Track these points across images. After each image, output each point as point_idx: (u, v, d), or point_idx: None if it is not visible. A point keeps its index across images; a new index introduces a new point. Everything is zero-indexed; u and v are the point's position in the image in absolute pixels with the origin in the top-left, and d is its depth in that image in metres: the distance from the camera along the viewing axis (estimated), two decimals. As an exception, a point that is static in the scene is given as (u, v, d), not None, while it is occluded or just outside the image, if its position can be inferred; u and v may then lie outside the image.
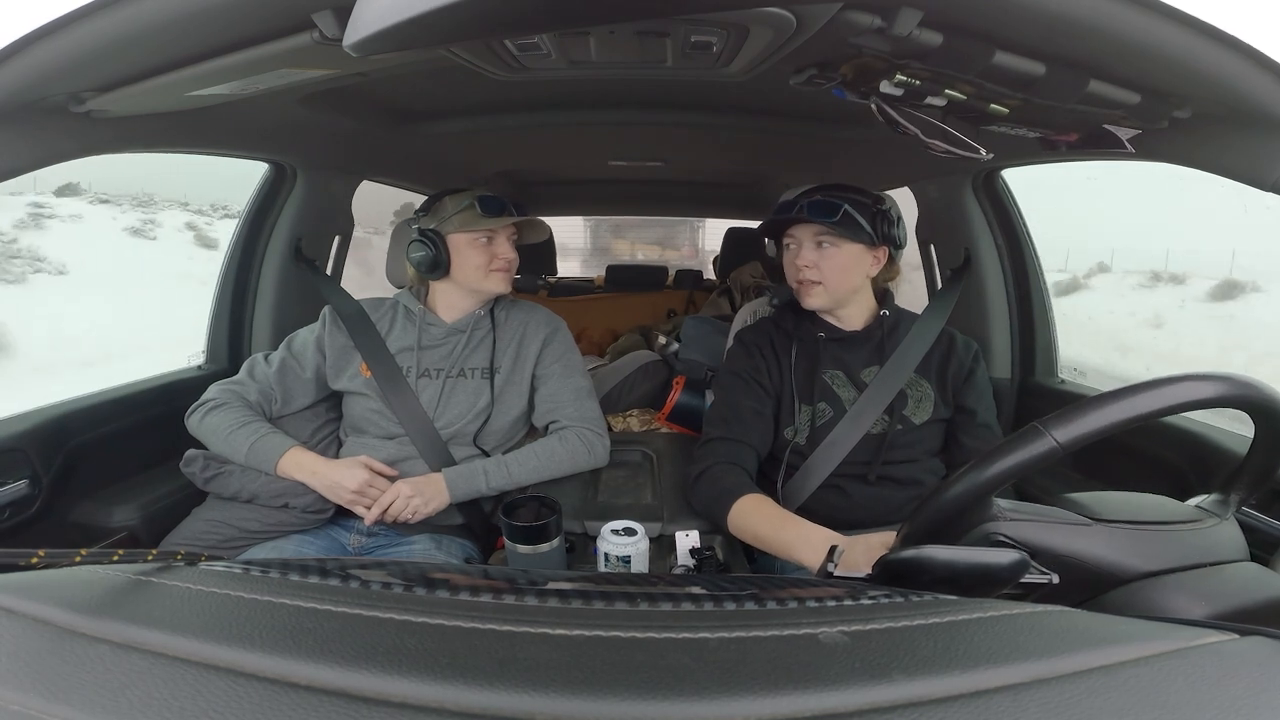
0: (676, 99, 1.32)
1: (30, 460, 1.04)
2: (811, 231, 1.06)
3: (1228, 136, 0.70)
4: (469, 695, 0.34)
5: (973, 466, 0.58)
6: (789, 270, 1.10)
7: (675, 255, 6.40)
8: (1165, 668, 0.37)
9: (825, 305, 1.09)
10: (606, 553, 0.89)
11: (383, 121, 1.37)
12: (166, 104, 0.86)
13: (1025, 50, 0.63)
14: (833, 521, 1.03)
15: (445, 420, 1.16)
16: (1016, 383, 1.50)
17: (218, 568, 0.52)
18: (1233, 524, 0.63)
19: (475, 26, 0.45)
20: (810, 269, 1.05)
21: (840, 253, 1.05)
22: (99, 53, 0.65)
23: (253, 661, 0.37)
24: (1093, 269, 13.96)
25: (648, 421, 1.60)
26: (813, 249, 1.06)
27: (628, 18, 0.63)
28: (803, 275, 1.06)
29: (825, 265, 1.05)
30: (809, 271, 1.06)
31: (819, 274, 1.05)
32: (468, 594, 0.47)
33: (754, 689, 0.35)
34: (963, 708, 0.34)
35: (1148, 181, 13.30)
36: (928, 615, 0.44)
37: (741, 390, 1.10)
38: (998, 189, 1.45)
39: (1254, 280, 11.47)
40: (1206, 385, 0.54)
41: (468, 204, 1.17)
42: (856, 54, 0.70)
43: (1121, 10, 0.55)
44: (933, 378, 1.09)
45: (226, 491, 1.08)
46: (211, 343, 1.52)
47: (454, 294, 1.22)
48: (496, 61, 0.83)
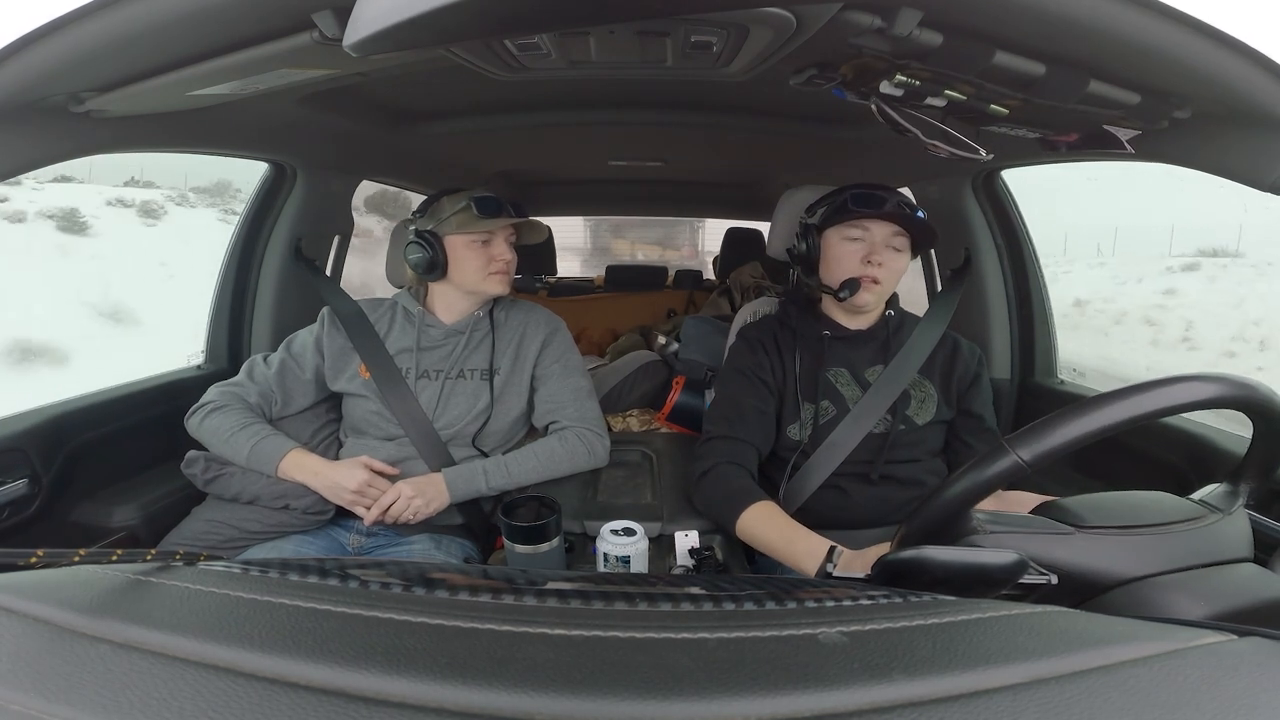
0: (676, 99, 1.32)
1: (30, 460, 1.04)
2: (890, 230, 1.04)
3: (1228, 136, 0.70)
4: (468, 695, 0.34)
5: (946, 484, 0.59)
6: (846, 260, 1.05)
7: (675, 255, 6.40)
8: (1164, 668, 0.37)
9: (873, 305, 1.09)
10: (606, 553, 0.89)
11: (383, 121, 1.37)
12: (166, 104, 0.86)
13: (1025, 50, 0.63)
14: (835, 521, 1.03)
15: (445, 421, 1.16)
16: (1016, 383, 1.50)
17: (217, 568, 0.52)
18: (1239, 518, 0.62)
19: (475, 26, 0.45)
20: (882, 267, 1.04)
21: (903, 259, 1.06)
22: (99, 53, 0.65)
23: (252, 661, 0.37)
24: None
25: (647, 421, 1.60)
26: (887, 249, 1.04)
27: (628, 18, 0.63)
28: (872, 271, 1.04)
29: (890, 267, 1.05)
30: (879, 271, 1.04)
31: (884, 273, 1.04)
32: (467, 594, 0.47)
33: (753, 689, 0.35)
34: (962, 708, 0.34)
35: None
36: (926, 616, 0.44)
37: (744, 387, 1.10)
38: (997, 189, 1.45)
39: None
40: (1170, 391, 0.54)
41: (464, 205, 1.16)
42: (856, 54, 0.70)
43: (1121, 10, 0.55)
44: (936, 379, 1.09)
45: (228, 493, 1.08)
46: (211, 343, 1.52)
47: (452, 295, 1.22)
48: (496, 61, 0.83)
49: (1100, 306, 12.06)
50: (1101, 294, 12.49)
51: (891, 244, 1.04)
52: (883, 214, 1.03)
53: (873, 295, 1.05)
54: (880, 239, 1.04)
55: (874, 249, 1.04)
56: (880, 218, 1.03)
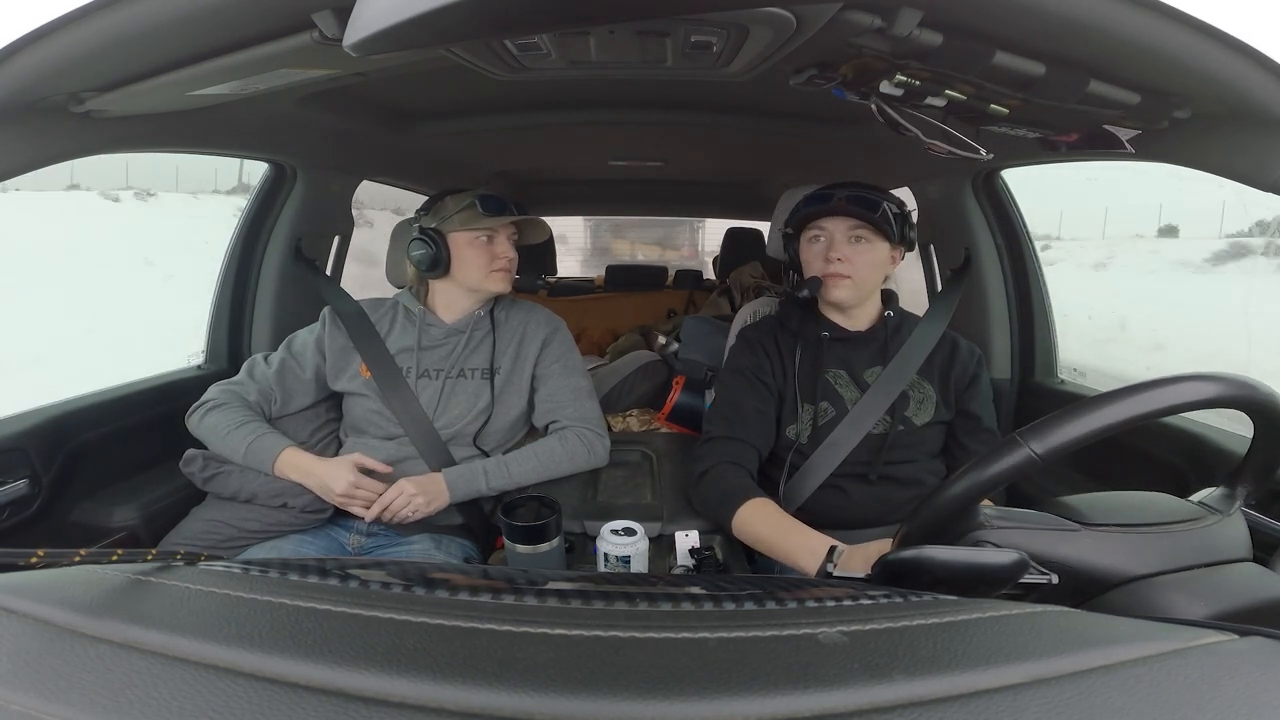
0: (676, 99, 1.32)
1: (30, 460, 1.04)
2: (847, 225, 1.05)
3: (1228, 136, 0.70)
4: (468, 695, 0.34)
5: (952, 480, 0.58)
6: (814, 262, 1.08)
7: (675, 255, 6.39)
8: (1164, 668, 0.37)
9: (850, 300, 1.08)
10: (606, 553, 0.89)
11: (382, 121, 1.37)
12: (166, 104, 0.86)
13: (1025, 50, 0.63)
14: (834, 521, 1.03)
15: (445, 421, 1.16)
16: (1016, 383, 1.50)
17: (217, 567, 0.52)
18: (1237, 519, 0.62)
19: (475, 26, 0.45)
20: (843, 262, 1.05)
21: (873, 249, 1.06)
22: (99, 53, 0.65)
23: (252, 661, 0.37)
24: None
25: (647, 421, 1.60)
26: (845, 242, 1.05)
27: (628, 18, 0.63)
28: (834, 268, 1.05)
29: (858, 260, 1.05)
30: (841, 265, 1.05)
31: (851, 268, 1.05)
32: (467, 594, 0.47)
33: (753, 689, 0.35)
34: (962, 708, 0.34)
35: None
36: (927, 615, 0.44)
37: (744, 388, 1.10)
38: (997, 189, 1.45)
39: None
40: (1180, 389, 0.54)
41: (469, 203, 1.17)
42: (856, 54, 0.70)
43: (1122, 10, 0.55)
44: (935, 380, 1.09)
45: (226, 491, 1.08)
46: (211, 343, 1.52)
47: (454, 294, 1.22)
48: (496, 61, 0.83)
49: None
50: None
51: (852, 236, 1.06)
52: (832, 209, 1.05)
53: (845, 290, 1.06)
54: (839, 235, 1.06)
55: (832, 245, 1.06)
56: (832, 214, 1.05)
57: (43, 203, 9.33)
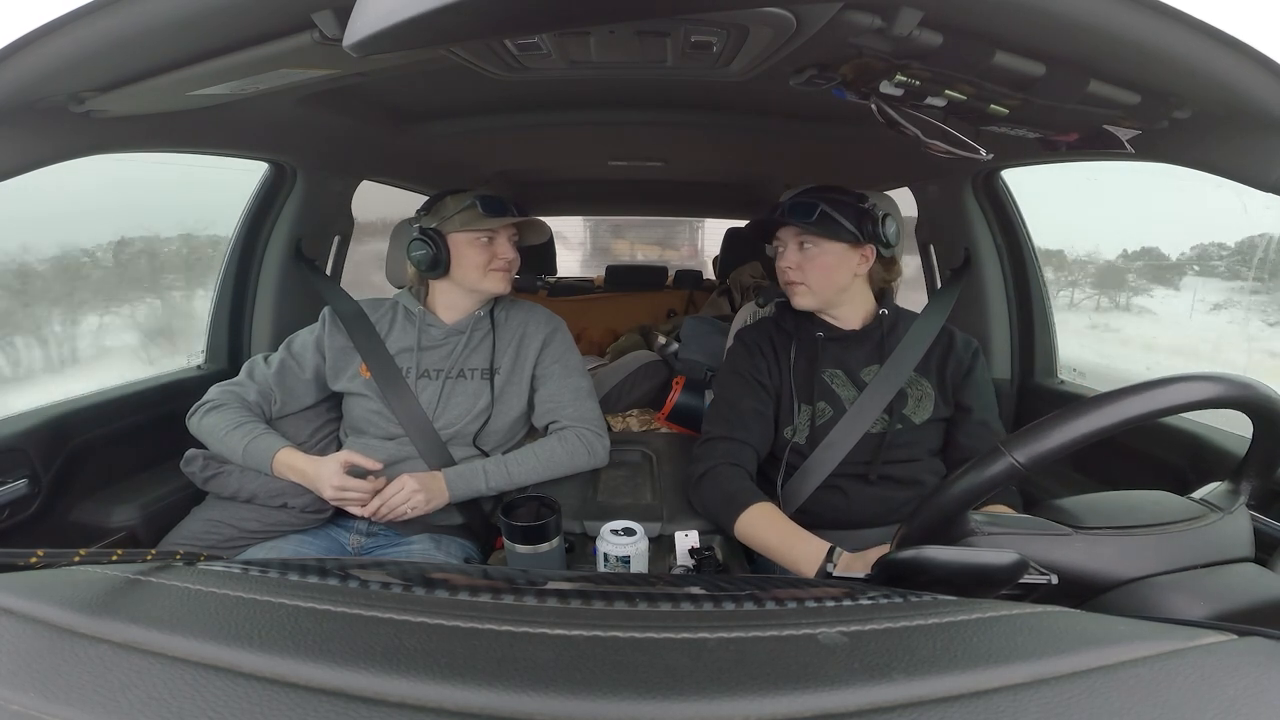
0: (676, 99, 1.32)
1: (30, 460, 1.04)
2: (793, 233, 1.08)
3: (1228, 136, 0.70)
4: (468, 695, 0.34)
5: (939, 489, 0.58)
6: (779, 272, 1.12)
7: (675, 255, 6.38)
8: (1164, 668, 0.37)
9: (813, 305, 1.10)
10: (606, 553, 0.89)
11: (382, 121, 1.37)
12: (166, 104, 0.86)
13: (1025, 50, 0.63)
14: (833, 522, 1.03)
15: (445, 421, 1.16)
16: (1016, 383, 1.50)
17: (217, 568, 0.52)
18: (1240, 516, 0.62)
19: (475, 26, 0.45)
20: (793, 270, 1.08)
21: (822, 253, 1.06)
22: (99, 53, 0.65)
23: (252, 661, 0.37)
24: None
25: (647, 421, 1.60)
26: (795, 250, 1.08)
27: (628, 18, 0.63)
28: (788, 276, 1.09)
29: (808, 266, 1.07)
30: (792, 273, 1.08)
31: (801, 275, 1.07)
32: (467, 594, 0.47)
33: (753, 689, 0.35)
34: (962, 708, 0.34)
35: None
36: (927, 616, 0.44)
37: (742, 389, 1.10)
38: (997, 189, 1.45)
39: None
40: (1160, 394, 0.54)
41: (469, 203, 1.17)
42: (856, 54, 0.70)
43: (1121, 10, 0.55)
44: (933, 377, 1.09)
45: (225, 491, 1.08)
46: (211, 343, 1.52)
47: (454, 294, 1.22)
48: (496, 61, 0.83)
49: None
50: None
51: (799, 243, 1.08)
52: (778, 220, 1.08)
53: (802, 297, 1.09)
54: (790, 244, 1.09)
55: (783, 254, 1.10)
56: (780, 223, 1.09)
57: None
